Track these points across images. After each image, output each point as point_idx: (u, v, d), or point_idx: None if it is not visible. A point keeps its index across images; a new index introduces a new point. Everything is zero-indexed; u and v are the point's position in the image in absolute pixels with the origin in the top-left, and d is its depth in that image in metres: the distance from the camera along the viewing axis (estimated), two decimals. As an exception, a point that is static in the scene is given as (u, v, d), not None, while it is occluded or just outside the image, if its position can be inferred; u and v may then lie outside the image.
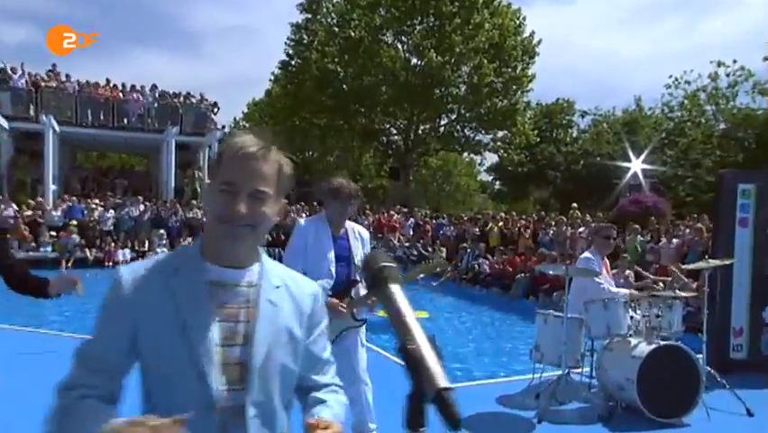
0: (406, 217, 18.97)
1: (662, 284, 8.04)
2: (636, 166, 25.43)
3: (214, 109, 21.89)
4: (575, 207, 15.10)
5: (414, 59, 25.33)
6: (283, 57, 27.43)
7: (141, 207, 16.63)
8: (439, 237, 16.98)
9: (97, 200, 16.45)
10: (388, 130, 28.59)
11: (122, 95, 19.36)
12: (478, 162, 39.66)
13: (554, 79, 64.46)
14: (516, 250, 12.14)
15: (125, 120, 19.25)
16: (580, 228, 12.71)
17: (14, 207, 15.08)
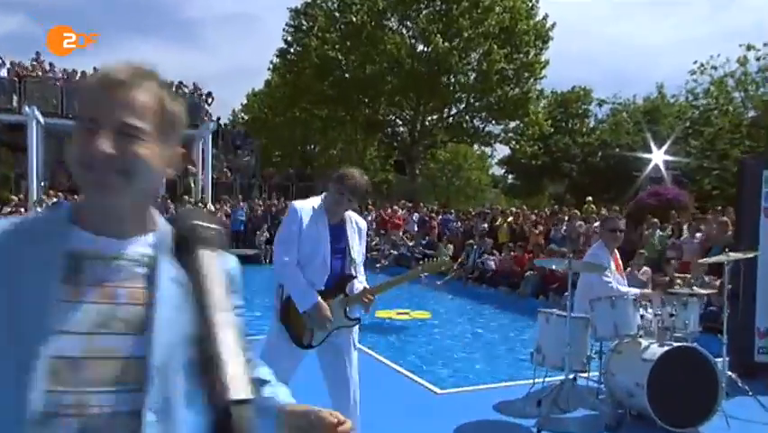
0: (410, 213, 18.79)
1: (680, 282, 7.81)
2: (658, 157, 25.16)
3: (209, 100, 21.85)
4: (590, 200, 14.84)
5: (420, 45, 25.10)
6: (281, 44, 27.28)
7: (131, 202, 16.54)
8: (446, 233, 16.79)
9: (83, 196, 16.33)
10: (393, 121, 28.39)
11: (110, 85, 19.27)
12: (489, 155, 39.44)
13: (570, 66, 64.02)
14: (526, 246, 11.91)
15: (114, 111, 19.15)
16: (596, 224, 12.43)
17: (-4, 203, 15.10)
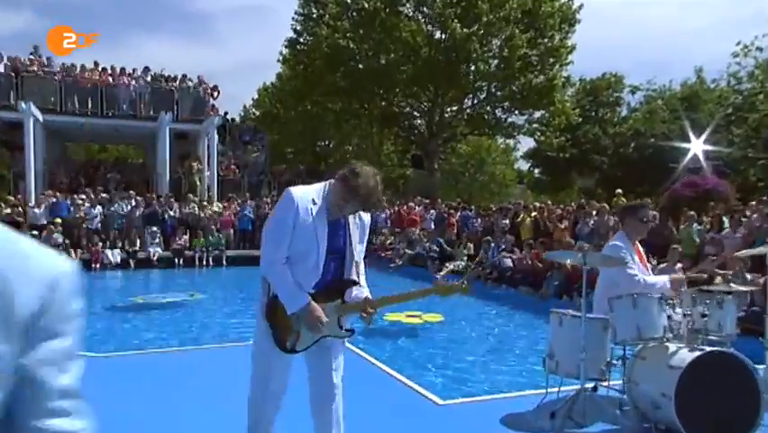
0: (427, 209, 18.45)
1: (720, 279, 7.37)
2: (697, 147, 24.52)
3: (214, 93, 21.76)
4: (620, 192, 14.36)
5: (437, 32, 24.70)
6: (290, 34, 27.10)
7: (133, 202, 16.55)
8: (465, 231, 16.43)
9: (84, 196, 16.38)
10: (410, 113, 28.02)
11: (111, 79, 19.32)
12: (513, 148, 38.87)
13: (599, 52, 62.65)
14: (549, 243, 11.49)
15: (116, 107, 19.22)
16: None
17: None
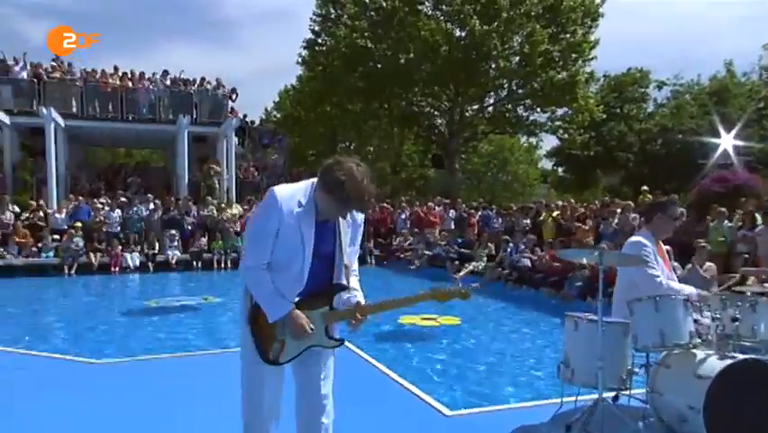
0: (446, 209, 18.15)
1: (753, 279, 6.95)
2: (727, 142, 23.90)
3: (233, 96, 21.77)
4: (645, 189, 13.86)
5: (456, 30, 24.36)
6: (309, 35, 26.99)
7: (152, 205, 16.58)
8: (485, 231, 16.13)
9: (103, 200, 16.48)
10: (430, 113, 27.71)
11: (131, 83, 19.44)
12: (536, 146, 38.29)
13: (623, 47, 61.34)
14: (567, 243, 11.11)
15: (136, 111, 19.34)
16: (633, 216, 11.57)
17: (14, 208, 15.32)
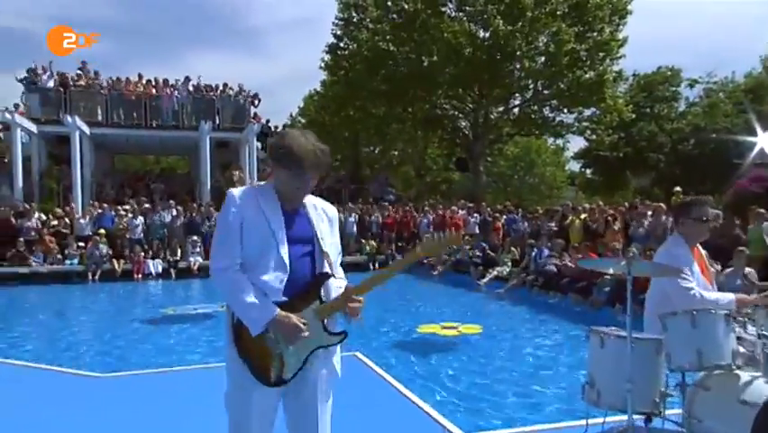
0: (470, 213, 17.76)
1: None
2: (764, 141, 23.06)
3: (255, 101, 21.77)
4: (678, 190, 13.24)
5: (480, 30, 23.96)
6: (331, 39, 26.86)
7: (174, 211, 16.57)
8: (511, 235, 15.72)
9: (127, 206, 16.54)
10: (454, 115, 27.30)
11: (155, 90, 19.56)
12: (563, 148, 37.54)
13: (653, 45, 59.94)
14: (593, 247, 10.62)
15: (159, 118, 19.45)
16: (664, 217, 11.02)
17: (40, 216, 15.45)
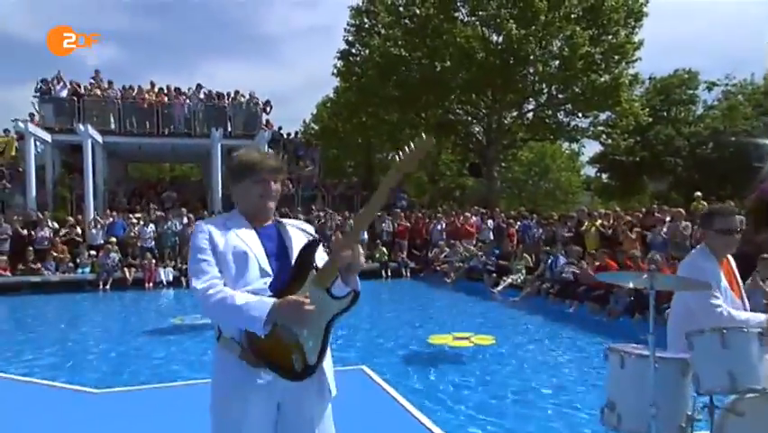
0: (484, 219, 17.48)
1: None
2: (785, 143, 22.50)
3: (267, 108, 21.71)
4: (699, 195, 12.86)
5: (492, 35, 23.70)
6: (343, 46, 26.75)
7: (185, 219, 16.49)
8: (525, 241, 15.43)
9: (138, 215, 16.50)
10: (467, 120, 27.02)
11: (167, 98, 19.58)
12: (578, 153, 37.09)
13: (669, 47, 59.19)
14: (612, 255, 10.29)
15: (171, 126, 19.45)
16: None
17: (53, 225, 15.45)
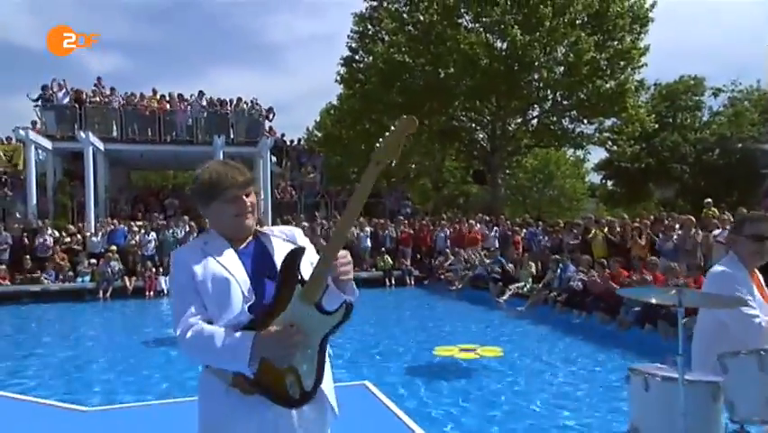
0: (489, 227, 17.24)
1: None
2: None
3: (269, 115, 21.54)
4: (709, 202, 12.56)
5: (497, 41, 23.52)
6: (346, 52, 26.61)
7: (187, 227, 16.28)
8: (531, 249, 15.18)
9: (140, 222, 16.30)
10: (471, 127, 26.82)
11: (169, 105, 19.43)
12: (583, 159, 36.77)
13: (675, 53, 59.05)
14: (625, 263, 10.01)
15: (174, 133, 19.28)
16: (716, 231, 10.36)
17: (53, 233, 15.26)
